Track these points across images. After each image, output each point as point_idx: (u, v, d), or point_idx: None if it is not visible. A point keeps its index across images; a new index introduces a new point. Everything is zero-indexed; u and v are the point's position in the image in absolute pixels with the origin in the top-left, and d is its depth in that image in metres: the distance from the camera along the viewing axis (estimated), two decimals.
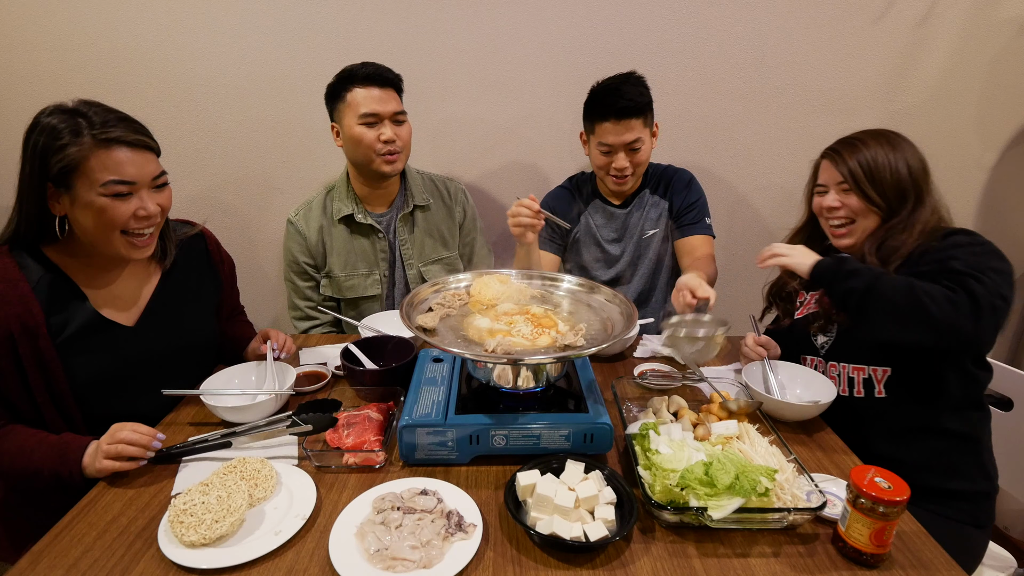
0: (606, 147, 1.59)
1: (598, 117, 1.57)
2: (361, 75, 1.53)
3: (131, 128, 1.06)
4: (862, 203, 1.22)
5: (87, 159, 1.00)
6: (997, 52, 1.88)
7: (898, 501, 0.79)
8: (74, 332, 1.09)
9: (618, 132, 1.55)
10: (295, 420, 1.06)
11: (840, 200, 1.25)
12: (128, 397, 1.16)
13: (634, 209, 1.75)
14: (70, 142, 0.99)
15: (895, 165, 1.20)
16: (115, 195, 1.03)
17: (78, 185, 1.02)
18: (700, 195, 1.74)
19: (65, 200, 1.04)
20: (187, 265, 1.30)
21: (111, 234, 1.07)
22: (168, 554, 0.82)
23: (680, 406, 1.16)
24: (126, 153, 1.04)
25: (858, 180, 1.21)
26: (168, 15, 1.81)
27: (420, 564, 0.80)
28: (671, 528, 0.90)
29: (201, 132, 1.96)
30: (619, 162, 1.59)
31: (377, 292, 1.72)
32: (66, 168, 1.00)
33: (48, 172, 1.01)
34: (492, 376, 1.07)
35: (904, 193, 1.20)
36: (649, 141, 1.62)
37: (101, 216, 1.04)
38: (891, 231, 1.20)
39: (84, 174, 1.01)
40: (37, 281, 1.07)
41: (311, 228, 1.67)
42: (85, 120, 1.01)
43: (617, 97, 1.53)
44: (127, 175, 1.04)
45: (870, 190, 1.21)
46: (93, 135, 1.01)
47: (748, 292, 2.25)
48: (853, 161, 1.22)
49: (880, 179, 1.20)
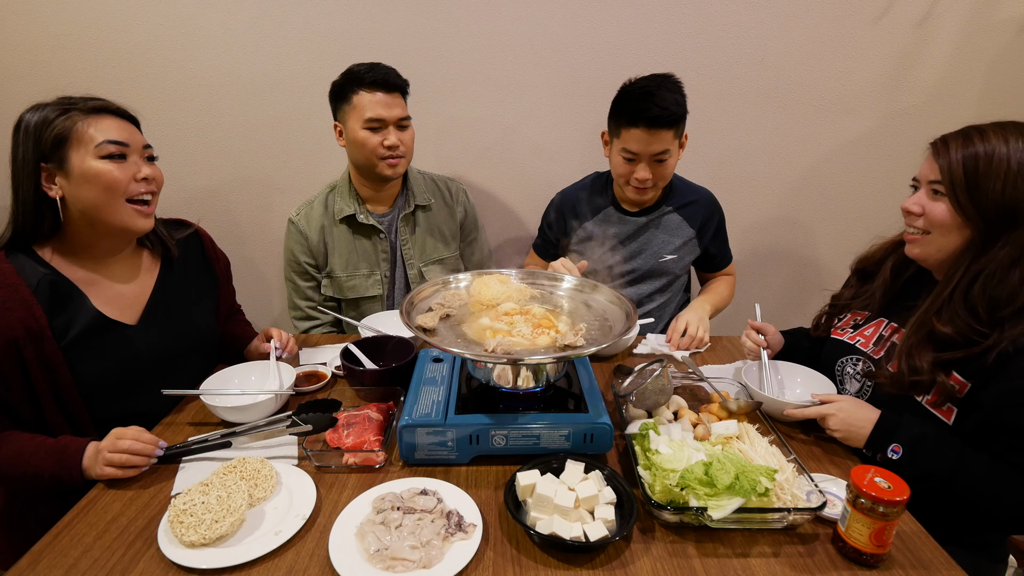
0: (630, 155, 1.48)
1: (626, 122, 1.45)
2: (368, 79, 1.51)
3: (111, 102, 1.12)
4: (951, 213, 0.96)
5: (76, 126, 1.04)
6: (997, 52, 1.88)
7: (898, 501, 0.79)
8: (79, 334, 1.08)
9: (646, 142, 1.43)
10: (295, 420, 1.05)
11: (922, 204, 1.01)
12: (132, 397, 1.15)
13: (652, 224, 1.66)
14: (59, 117, 1.04)
15: (1018, 170, 0.90)
16: (111, 156, 1.06)
17: (73, 155, 1.04)
18: (723, 221, 1.69)
19: (61, 179, 1.05)
20: (184, 263, 1.30)
21: (116, 202, 1.08)
22: (168, 554, 0.82)
23: (680, 406, 1.16)
24: (113, 119, 1.09)
25: (955, 182, 0.94)
26: (168, 15, 1.81)
27: (420, 564, 0.80)
28: (671, 528, 0.90)
29: (201, 132, 1.96)
30: (641, 173, 1.48)
31: (378, 292, 1.72)
32: (59, 138, 1.03)
33: (41, 150, 1.03)
34: (492, 376, 1.07)
35: (1014, 213, 0.92)
36: (677, 153, 1.49)
37: (101, 181, 1.05)
38: (997, 266, 0.93)
39: (77, 141, 1.04)
40: (36, 284, 1.06)
41: (312, 228, 1.67)
42: (71, 102, 1.07)
43: (651, 104, 1.39)
44: (119, 137, 1.08)
45: (965, 197, 0.93)
46: (79, 109, 1.06)
47: (748, 292, 2.25)
48: (958, 155, 0.95)
49: (986, 187, 0.92)
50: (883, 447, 0.99)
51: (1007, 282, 0.93)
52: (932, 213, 1.00)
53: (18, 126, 1.05)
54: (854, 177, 2.06)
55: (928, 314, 1.02)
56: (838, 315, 1.29)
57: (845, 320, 1.26)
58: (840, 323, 1.27)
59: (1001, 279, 0.94)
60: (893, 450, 0.98)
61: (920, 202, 1.03)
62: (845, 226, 2.14)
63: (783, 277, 2.24)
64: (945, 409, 1.03)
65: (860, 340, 1.19)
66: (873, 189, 2.07)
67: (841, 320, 1.27)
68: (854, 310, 1.25)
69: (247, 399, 1.16)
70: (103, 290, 1.15)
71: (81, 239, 1.11)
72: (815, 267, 2.21)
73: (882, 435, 1.00)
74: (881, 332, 1.17)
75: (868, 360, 1.16)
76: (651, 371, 1.13)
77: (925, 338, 1.02)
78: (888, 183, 2.06)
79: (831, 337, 1.27)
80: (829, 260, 2.20)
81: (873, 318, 1.20)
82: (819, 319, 1.33)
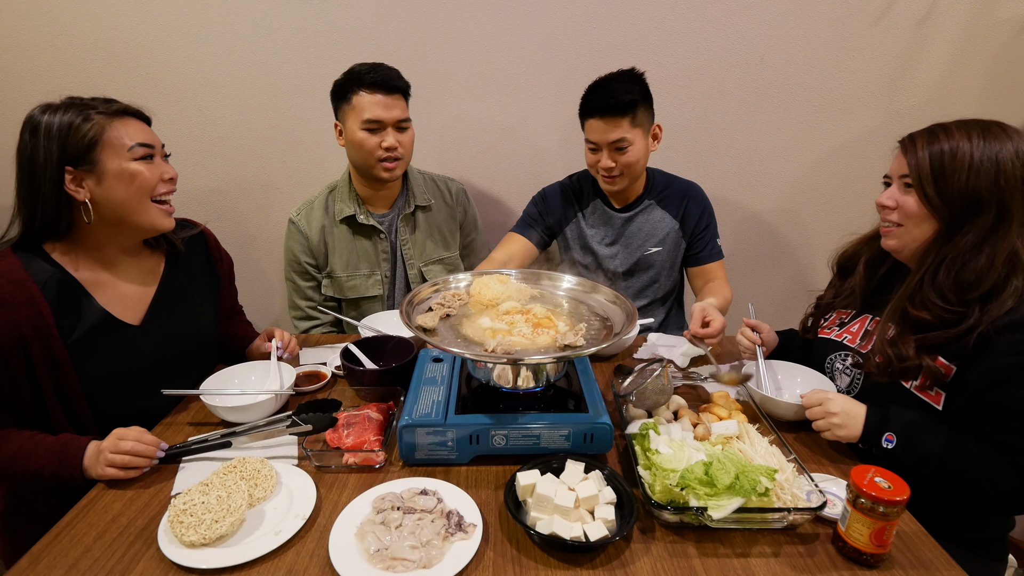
0: (593, 145, 1.56)
1: (585, 113, 1.55)
2: (368, 80, 1.50)
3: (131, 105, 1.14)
4: (919, 206, 1.02)
5: (106, 130, 1.06)
6: (997, 52, 1.88)
7: (898, 501, 0.79)
8: (84, 332, 1.09)
9: (602, 130, 1.51)
10: (295, 420, 1.06)
11: (896, 199, 1.06)
12: (134, 395, 1.16)
13: (635, 217, 1.69)
14: (85, 121, 1.04)
15: (979, 163, 0.96)
16: (143, 158, 1.09)
17: (104, 158, 1.06)
18: (712, 216, 1.69)
19: (90, 181, 1.06)
20: (188, 263, 1.30)
21: (144, 202, 1.11)
22: (168, 554, 0.82)
23: (680, 406, 1.16)
24: (136, 122, 1.12)
25: (922, 176, 1.00)
26: (168, 15, 1.81)
27: (420, 564, 0.80)
28: (671, 528, 0.90)
29: (201, 132, 1.96)
30: (604, 161, 1.54)
31: (379, 292, 1.72)
32: (91, 143, 1.04)
33: (67, 155, 1.03)
34: (492, 376, 1.07)
35: (977, 203, 0.97)
36: (642, 143, 1.54)
37: (134, 182, 1.08)
38: (959, 251, 0.99)
39: (108, 144, 1.06)
40: (45, 282, 1.06)
41: (313, 228, 1.67)
42: (86, 104, 1.07)
43: (602, 94, 1.50)
44: (147, 139, 1.11)
45: (931, 189, 0.99)
46: (102, 112, 1.07)
47: (746, 292, 2.25)
48: (925, 152, 1.00)
49: (950, 179, 0.97)
50: (877, 438, 1.01)
51: (973, 266, 0.98)
52: (905, 206, 1.05)
53: (35, 128, 1.03)
54: (854, 177, 2.06)
55: (902, 301, 1.07)
56: (823, 315, 1.32)
57: (831, 319, 1.29)
58: (826, 323, 1.30)
59: (965, 263, 0.99)
60: (887, 439, 1.00)
61: (893, 196, 1.08)
62: (845, 226, 2.10)
63: (782, 277, 2.24)
64: (934, 393, 1.05)
65: (847, 337, 1.22)
66: (873, 189, 2.03)
67: (827, 320, 1.30)
68: (838, 309, 1.28)
69: (247, 399, 1.16)
70: (109, 290, 1.15)
71: (94, 239, 1.12)
72: (814, 267, 2.21)
73: (874, 427, 1.01)
74: (866, 327, 1.20)
75: (856, 355, 1.18)
76: (651, 371, 1.13)
77: (903, 324, 1.06)
78: None
79: (819, 337, 1.29)
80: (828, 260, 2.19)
81: (857, 315, 1.23)
82: (806, 321, 1.37)
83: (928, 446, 0.98)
